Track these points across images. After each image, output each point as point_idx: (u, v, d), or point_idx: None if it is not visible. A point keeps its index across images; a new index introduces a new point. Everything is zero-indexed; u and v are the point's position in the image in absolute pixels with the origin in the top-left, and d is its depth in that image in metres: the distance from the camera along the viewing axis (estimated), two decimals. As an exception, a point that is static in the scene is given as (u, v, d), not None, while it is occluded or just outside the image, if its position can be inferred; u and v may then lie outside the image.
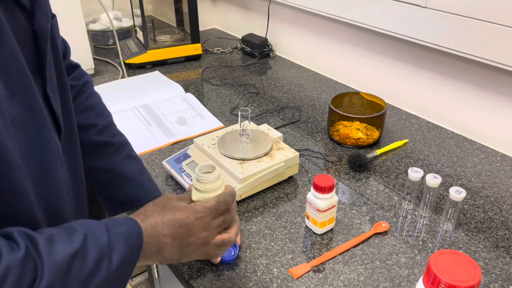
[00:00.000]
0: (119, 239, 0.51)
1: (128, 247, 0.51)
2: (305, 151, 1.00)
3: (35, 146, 0.49)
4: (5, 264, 0.41)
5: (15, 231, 0.45)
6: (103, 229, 0.50)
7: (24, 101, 0.46)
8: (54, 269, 0.44)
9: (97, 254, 0.48)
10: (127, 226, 0.53)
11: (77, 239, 0.47)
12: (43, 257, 0.44)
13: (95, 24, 1.62)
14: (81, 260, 0.46)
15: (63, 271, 0.44)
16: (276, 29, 1.54)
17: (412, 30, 1.04)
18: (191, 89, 1.30)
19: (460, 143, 1.04)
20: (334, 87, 1.32)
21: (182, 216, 0.57)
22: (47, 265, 0.43)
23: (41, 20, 0.50)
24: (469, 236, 0.77)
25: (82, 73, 0.76)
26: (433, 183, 0.77)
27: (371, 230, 0.77)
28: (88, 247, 0.47)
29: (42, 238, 0.45)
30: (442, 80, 1.09)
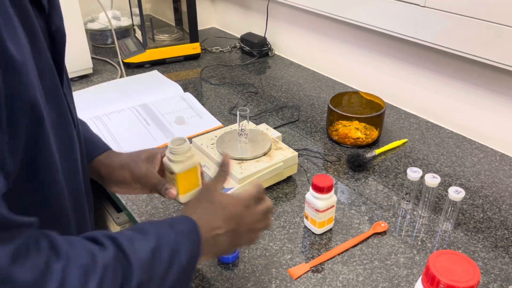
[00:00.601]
0: (183, 236, 0.53)
1: (191, 243, 0.53)
2: (304, 150, 1.00)
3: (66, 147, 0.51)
4: (102, 264, 0.44)
5: (98, 234, 0.48)
6: (168, 228, 0.53)
7: (56, 104, 0.48)
8: (140, 266, 0.47)
9: (169, 251, 0.50)
10: (186, 224, 0.55)
11: (151, 237, 0.50)
12: (129, 255, 0.46)
13: (93, 23, 1.62)
14: (158, 256, 0.49)
15: (147, 267, 0.47)
16: (275, 28, 1.54)
17: (411, 29, 1.04)
18: (189, 89, 1.30)
19: (459, 142, 1.04)
20: (333, 87, 1.32)
21: (232, 209, 0.59)
22: (134, 262, 0.46)
23: (57, 22, 0.50)
24: (468, 236, 0.77)
25: None
26: (432, 183, 0.77)
27: (370, 230, 0.77)
28: (162, 244, 0.50)
29: (123, 238, 0.48)
30: (441, 80, 1.09)
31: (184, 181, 0.65)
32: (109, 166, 0.67)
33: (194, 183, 0.66)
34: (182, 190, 0.65)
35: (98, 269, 0.44)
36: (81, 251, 0.45)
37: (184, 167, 0.64)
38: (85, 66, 1.33)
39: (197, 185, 0.67)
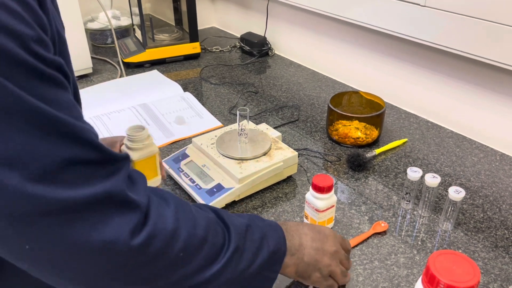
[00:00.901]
0: (270, 227, 0.56)
1: (277, 235, 0.56)
2: (304, 150, 1.00)
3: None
4: (206, 219, 0.48)
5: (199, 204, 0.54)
6: (258, 217, 0.58)
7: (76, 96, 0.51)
8: (237, 233, 0.51)
9: (260, 233, 0.54)
10: (271, 221, 0.59)
11: (244, 217, 0.55)
12: (227, 222, 0.51)
13: (93, 23, 1.61)
14: (251, 233, 0.53)
15: (242, 236, 0.51)
16: (275, 28, 1.54)
17: (411, 28, 1.04)
18: (189, 88, 1.30)
19: (459, 142, 1.04)
20: (333, 86, 1.32)
21: (318, 226, 0.64)
22: (232, 228, 0.50)
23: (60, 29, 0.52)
24: (468, 236, 0.77)
25: None
26: (432, 183, 0.77)
27: (370, 230, 0.77)
28: (253, 225, 0.54)
29: (220, 210, 0.54)
30: (441, 79, 1.09)
31: (141, 169, 0.64)
32: None
33: (152, 172, 0.66)
34: None
35: (203, 221, 0.48)
36: (185, 203, 0.49)
37: (142, 155, 0.64)
38: (85, 66, 1.33)
39: (155, 174, 0.66)
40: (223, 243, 0.49)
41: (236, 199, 0.83)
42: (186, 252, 0.45)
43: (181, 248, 0.44)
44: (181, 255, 0.44)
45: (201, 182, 0.83)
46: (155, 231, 0.42)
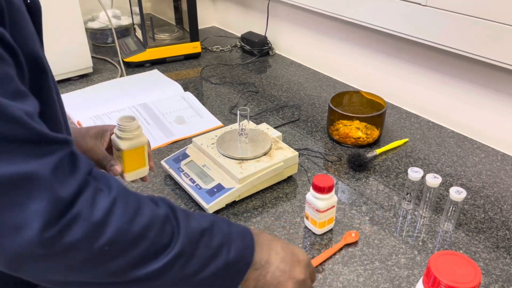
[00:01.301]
0: (237, 234, 0.54)
1: (243, 244, 0.54)
2: (305, 150, 1.00)
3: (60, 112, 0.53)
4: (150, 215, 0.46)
5: (158, 198, 0.50)
6: (226, 222, 0.54)
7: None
8: (188, 237, 0.48)
9: (220, 239, 0.51)
10: (243, 228, 0.56)
11: (206, 220, 0.52)
12: (181, 223, 0.48)
13: (93, 22, 1.61)
14: (208, 239, 0.50)
15: (193, 242, 0.49)
16: (276, 27, 1.54)
17: (412, 28, 1.04)
18: (190, 88, 1.30)
19: (460, 142, 1.03)
20: (334, 86, 1.32)
21: (294, 247, 0.60)
22: (183, 230, 0.48)
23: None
24: (469, 236, 0.76)
25: None
26: (433, 183, 0.77)
27: (341, 242, 0.74)
28: (215, 231, 0.51)
29: (180, 209, 0.51)
30: (442, 79, 1.09)
31: (130, 159, 0.65)
32: None
33: (140, 162, 0.67)
34: (127, 168, 0.66)
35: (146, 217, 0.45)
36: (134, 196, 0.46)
37: (131, 145, 0.64)
38: (85, 65, 1.33)
39: (143, 165, 0.67)
40: (167, 244, 0.46)
41: (236, 199, 0.83)
42: (114, 246, 0.43)
43: (108, 242, 0.42)
44: (106, 248, 0.42)
45: (201, 182, 0.83)
46: (75, 221, 0.40)
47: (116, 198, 0.44)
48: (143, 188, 0.88)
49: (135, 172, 0.67)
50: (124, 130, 0.64)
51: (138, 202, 0.46)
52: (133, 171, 0.67)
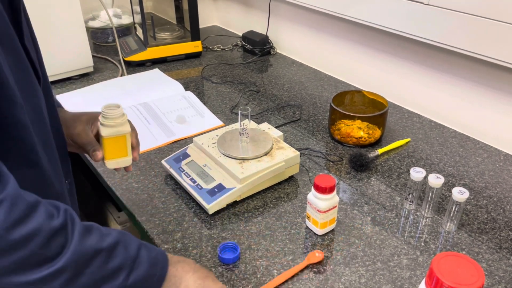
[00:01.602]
0: (147, 261, 0.52)
1: (149, 273, 0.52)
2: (306, 150, 0.99)
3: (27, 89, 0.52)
4: (36, 226, 0.44)
5: (64, 207, 0.49)
6: (136, 245, 0.53)
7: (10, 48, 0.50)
8: (76, 254, 0.46)
9: (120, 262, 0.50)
10: (157, 256, 0.54)
11: (109, 240, 0.50)
12: (73, 239, 0.47)
13: (94, 22, 1.61)
14: (104, 260, 0.49)
15: (82, 261, 0.47)
16: (277, 27, 1.53)
17: (415, 27, 1.03)
18: (191, 87, 1.29)
19: (463, 142, 1.03)
20: (335, 85, 1.31)
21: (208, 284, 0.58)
22: (73, 247, 0.46)
23: None
24: (472, 237, 0.76)
25: None
26: (435, 183, 0.76)
27: (304, 262, 0.70)
28: (116, 252, 0.50)
29: (82, 225, 0.49)
30: (444, 78, 1.08)
31: (110, 146, 0.66)
32: None
33: (121, 151, 0.67)
34: (108, 156, 0.67)
35: (30, 227, 0.44)
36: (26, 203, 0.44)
37: (112, 132, 0.65)
38: (86, 65, 1.33)
39: (125, 154, 0.67)
40: (51, 257, 0.45)
41: (237, 199, 0.83)
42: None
43: None
44: None
45: (202, 182, 0.83)
46: None
47: (3, 201, 0.43)
48: (144, 187, 0.87)
49: (116, 160, 0.68)
50: (106, 117, 0.65)
51: (29, 209, 0.44)
52: (114, 159, 0.67)
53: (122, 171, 0.92)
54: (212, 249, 0.73)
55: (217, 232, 0.77)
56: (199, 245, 0.74)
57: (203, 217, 0.80)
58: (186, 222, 0.79)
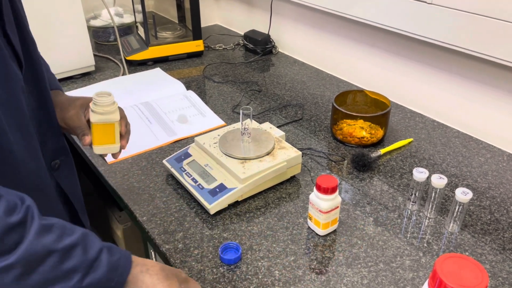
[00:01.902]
0: (104, 265, 0.51)
1: (106, 277, 0.51)
2: (308, 150, 0.99)
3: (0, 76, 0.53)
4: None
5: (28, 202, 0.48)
6: (97, 248, 0.52)
7: None
8: (29, 252, 0.46)
9: (74, 265, 0.49)
10: (119, 260, 0.53)
11: (67, 241, 0.49)
12: (29, 237, 0.47)
13: (96, 20, 1.61)
14: (58, 260, 0.48)
15: (34, 259, 0.47)
16: (279, 26, 1.53)
17: (418, 26, 1.02)
18: (192, 86, 1.29)
19: (466, 142, 1.02)
20: (338, 85, 1.30)
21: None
22: (27, 245, 0.46)
23: None
24: (475, 238, 0.75)
25: None
26: (438, 184, 0.76)
27: None
28: (72, 254, 0.49)
29: (41, 223, 0.48)
30: (447, 78, 1.07)
31: (98, 133, 0.67)
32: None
33: (109, 138, 0.69)
34: (96, 141, 0.68)
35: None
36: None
37: (100, 119, 0.66)
38: (87, 64, 1.32)
39: (113, 141, 0.69)
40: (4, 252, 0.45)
41: (239, 199, 0.82)
42: None
43: None
44: None
45: (204, 182, 0.82)
46: None
47: None
48: (145, 187, 0.87)
49: (103, 146, 0.69)
50: (96, 104, 0.66)
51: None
52: (101, 145, 0.69)
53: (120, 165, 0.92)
54: (214, 249, 0.73)
55: (219, 233, 0.76)
56: (201, 246, 0.74)
57: (204, 217, 0.80)
58: (187, 222, 0.78)
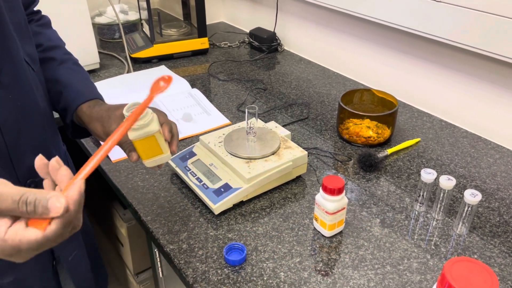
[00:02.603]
0: None
1: None
2: (314, 149, 0.98)
3: None
4: None
5: None
6: None
7: None
8: None
9: None
10: None
11: None
12: None
13: (101, 18, 1.60)
14: None
15: None
16: (285, 23, 1.51)
17: (426, 24, 1.01)
18: (197, 84, 1.28)
19: (474, 142, 1.01)
20: (344, 83, 1.29)
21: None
22: None
23: None
24: (484, 240, 0.74)
25: (41, 13, 0.82)
26: (447, 185, 0.75)
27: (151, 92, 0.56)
28: None
29: None
30: (455, 77, 1.06)
31: (142, 148, 0.63)
32: (89, 116, 0.69)
33: (155, 150, 0.64)
34: (143, 156, 0.64)
35: None
36: None
37: (139, 135, 0.61)
38: (92, 61, 1.32)
39: (159, 152, 0.64)
40: None
41: (244, 199, 0.81)
42: None
43: None
44: None
45: (208, 182, 0.81)
46: None
47: None
48: (149, 186, 0.86)
49: (153, 159, 0.64)
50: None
51: None
52: (151, 158, 0.64)
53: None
54: (218, 250, 0.72)
55: (223, 233, 0.76)
56: (205, 246, 0.73)
57: (209, 217, 0.79)
58: (192, 222, 0.78)
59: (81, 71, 0.78)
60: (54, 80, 0.73)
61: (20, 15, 0.64)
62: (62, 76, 0.74)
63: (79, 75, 0.76)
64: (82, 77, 0.76)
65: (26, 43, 0.65)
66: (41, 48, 0.75)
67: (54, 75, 0.74)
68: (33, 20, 0.78)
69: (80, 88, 0.73)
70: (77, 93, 0.72)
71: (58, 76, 0.74)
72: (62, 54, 0.78)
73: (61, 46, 0.80)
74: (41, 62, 0.73)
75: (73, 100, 0.71)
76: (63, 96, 0.72)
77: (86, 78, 0.77)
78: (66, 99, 0.72)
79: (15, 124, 0.60)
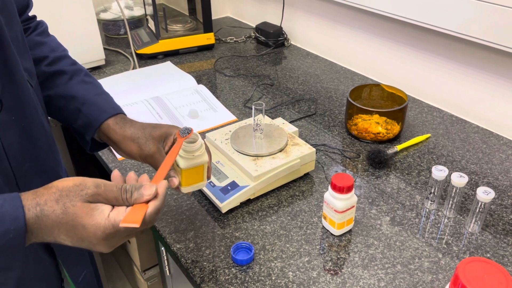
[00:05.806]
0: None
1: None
2: (322, 146, 0.96)
3: None
4: None
5: None
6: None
7: None
8: None
9: None
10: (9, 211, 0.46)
11: None
12: None
13: (106, 13, 1.59)
14: None
15: None
16: (292, 17, 1.49)
17: (435, 17, 0.99)
18: (203, 80, 1.27)
19: (486, 138, 0.99)
20: (352, 78, 1.27)
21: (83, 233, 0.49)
22: None
23: None
24: (496, 238, 0.72)
25: (37, 19, 0.78)
26: (459, 183, 0.73)
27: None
28: None
29: None
30: (466, 71, 1.04)
31: (188, 176, 0.64)
32: (120, 134, 0.66)
33: (198, 178, 0.65)
34: (185, 183, 0.64)
35: None
36: None
37: (191, 164, 0.63)
38: (97, 58, 1.31)
39: (201, 180, 0.66)
40: None
41: (251, 197, 0.80)
42: None
43: None
44: None
45: (215, 180, 0.80)
46: None
47: None
48: (156, 184, 0.86)
49: (192, 186, 0.65)
50: (186, 151, 0.62)
51: None
52: (189, 186, 0.65)
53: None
54: (226, 249, 0.71)
55: (231, 232, 0.75)
56: (212, 245, 0.72)
57: (216, 215, 0.78)
58: (198, 221, 0.77)
59: (95, 83, 0.74)
60: (70, 97, 0.69)
61: (17, 27, 0.60)
62: (78, 92, 0.70)
63: (95, 88, 0.73)
64: (98, 90, 0.72)
65: (24, 58, 0.61)
66: (47, 62, 0.71)
67: (68, 91, 0.70)
68: (30, 28, 0.74)
69: (100, 103, 0.69)
70: (99, 110, 0.68)
71: (73, 92, 0.70)
72: (69, 65, 0.74)
73: (66, 55, 0.76)
74: (49, 77, 0.70)
75: (95, 118, 0.68)
76: (82, 113, 0.68)
77: (102, 91, 0.73)
78: (87, 116, 0.68)
79: (20, 147, 0.57)
